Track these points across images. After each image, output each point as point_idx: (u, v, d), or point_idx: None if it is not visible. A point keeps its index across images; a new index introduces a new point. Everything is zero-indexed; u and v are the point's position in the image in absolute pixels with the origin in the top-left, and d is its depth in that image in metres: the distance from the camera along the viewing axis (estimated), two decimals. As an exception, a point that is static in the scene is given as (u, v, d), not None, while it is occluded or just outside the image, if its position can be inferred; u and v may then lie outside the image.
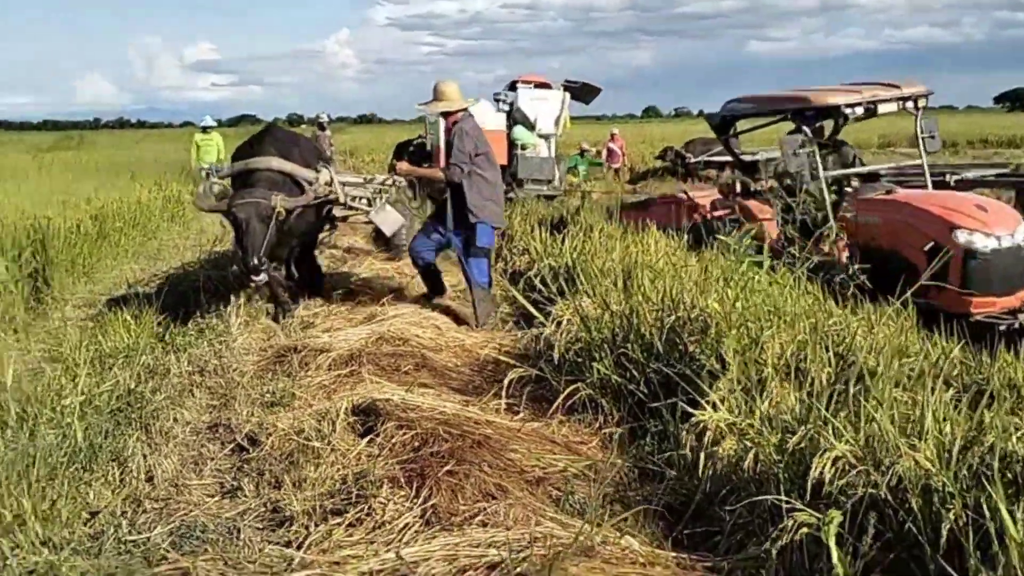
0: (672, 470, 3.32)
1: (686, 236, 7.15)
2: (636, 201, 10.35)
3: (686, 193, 8.98)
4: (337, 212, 7.21)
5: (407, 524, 2.98)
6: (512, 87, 16.70)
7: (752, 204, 7.71)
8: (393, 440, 3.65)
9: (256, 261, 5.42)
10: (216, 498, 3.52)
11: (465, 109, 6.25)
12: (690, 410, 3.33)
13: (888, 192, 6.96)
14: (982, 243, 5.97)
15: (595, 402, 4.11)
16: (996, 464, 2.43)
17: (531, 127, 16.12)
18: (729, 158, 20.90)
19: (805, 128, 6.95)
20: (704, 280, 4.41)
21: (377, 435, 3.72)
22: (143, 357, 5.11)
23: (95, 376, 4.78)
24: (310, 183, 6.09)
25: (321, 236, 7.81)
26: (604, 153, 22.67)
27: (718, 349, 3.71)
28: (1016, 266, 6.09)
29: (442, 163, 6.27)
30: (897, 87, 7.08)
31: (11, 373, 4.51)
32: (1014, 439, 2.64)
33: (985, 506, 2.30)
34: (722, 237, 5.77)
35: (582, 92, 17.57)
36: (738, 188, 8.35)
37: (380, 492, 3.18)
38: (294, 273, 7.08)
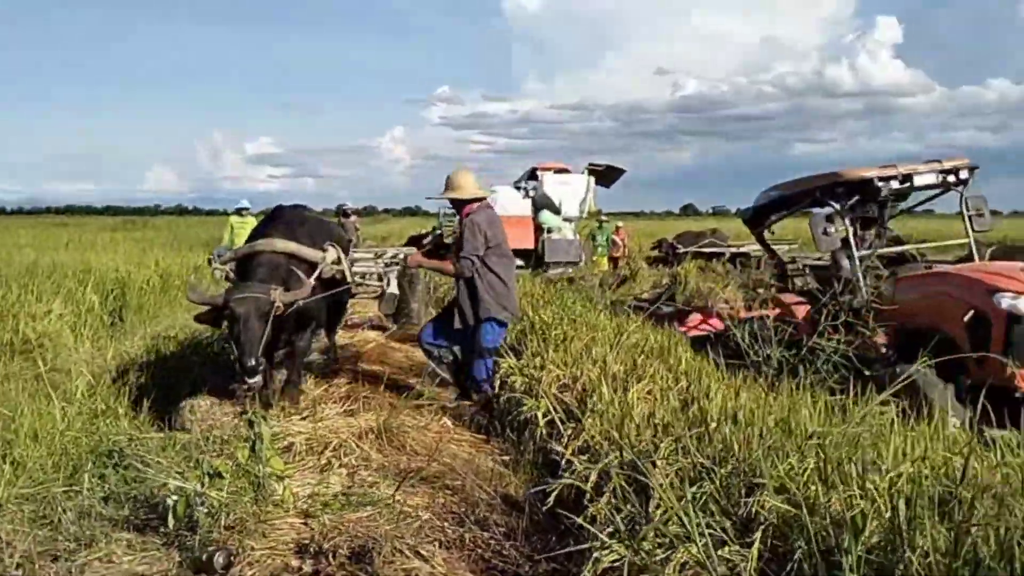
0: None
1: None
2: (670, 312, 9.72)
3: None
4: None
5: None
6: (532, 175, 17.88)
7: (787, 297, 7.31)
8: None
9: (253, 362, 5.05)
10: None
11: (482, 199, 6.01)
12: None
13: (928, 267, 6.49)
14: None
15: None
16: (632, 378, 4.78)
17: (556, 211, 16.92)
18: (715, 250, 23.27)
19: (834, 204, 6.53)
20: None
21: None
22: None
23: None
24: (315, 264, 5.86)
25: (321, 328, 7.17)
26: (609, 244, 24.92)
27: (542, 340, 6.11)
28: None
29: (429, 262, 6.19)
30: (938, 162, 6.56)
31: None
32: (651, 369, 4.96)
33: (611, 391, 4.62)
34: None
35: (606, 174, 18.42)
36: (773, 285, 8.08)
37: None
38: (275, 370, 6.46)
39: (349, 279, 6.40)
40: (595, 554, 2.74)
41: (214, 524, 3.16)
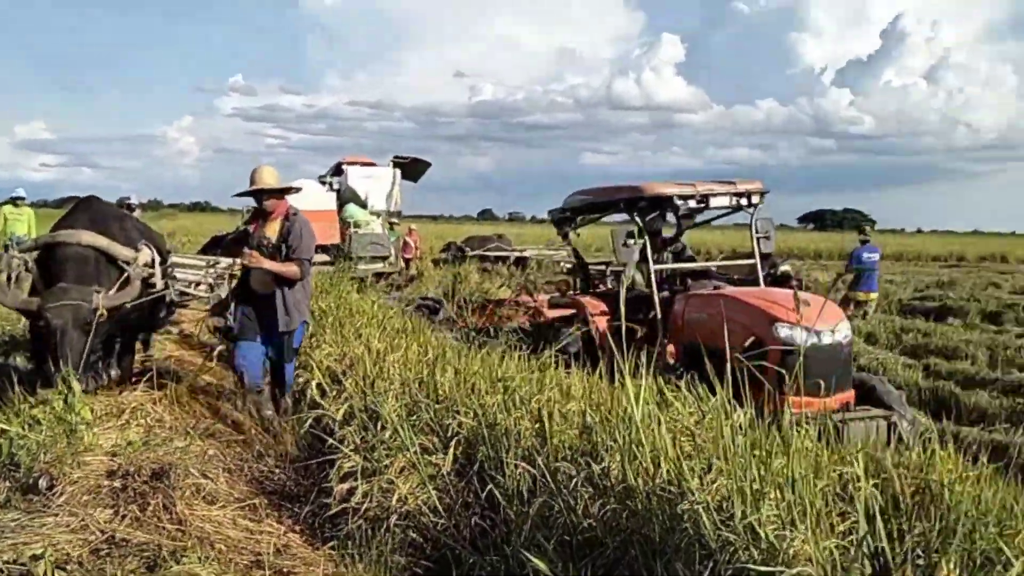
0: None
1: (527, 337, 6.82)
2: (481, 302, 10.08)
3: (529, 295, 8.53)
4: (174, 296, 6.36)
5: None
6: (337, 170, 17.58)
7: (587, 300, 7.49)
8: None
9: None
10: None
11: (298, 190, 6.13)
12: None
13: (716, 288, 6.68)
14: (801, 338, 5.55)
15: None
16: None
17: (363, 205, 16.80)
18: (500, 253, 24.91)
19: (637, 219, 6.75)
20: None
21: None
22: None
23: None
24: (127, 263, 5.38)
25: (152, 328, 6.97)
26: (401, 245, 25.96)
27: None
28: (836, 365, 5.72)
29: (272, 264, 5.59)
30: (732, 183, 6.84)
31: None
32: (405, 344, 6.07)
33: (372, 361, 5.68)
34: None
35: (412, 167, 18.16)
36: (576, 285, 8.26)
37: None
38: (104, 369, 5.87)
39: (161, 285, 5.82)
40: (339, 463, 3.82)
41: (34, 461, 3.92)
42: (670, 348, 6.30)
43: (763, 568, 2.55)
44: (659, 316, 6.57)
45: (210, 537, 3.50)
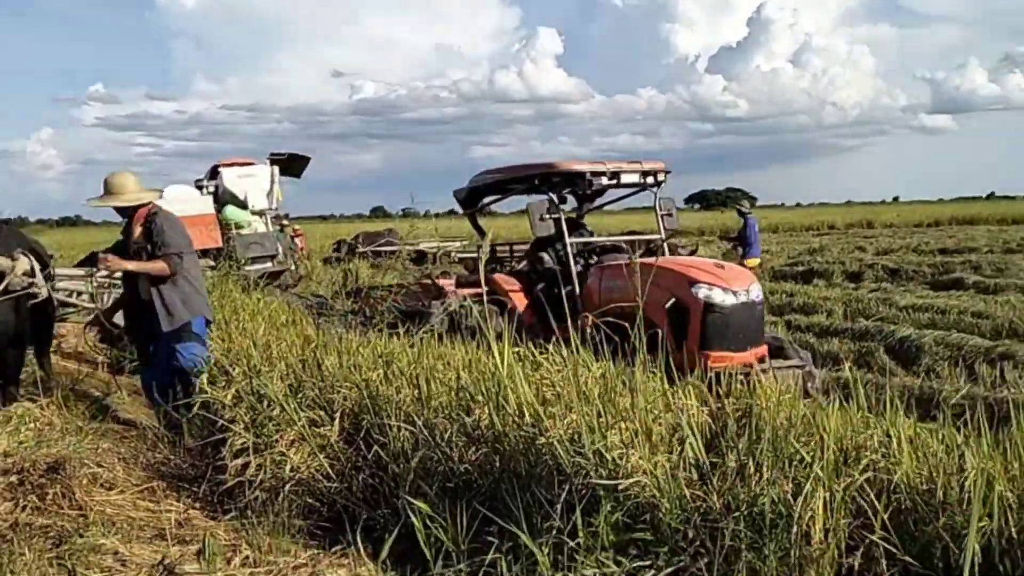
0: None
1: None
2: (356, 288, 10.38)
3: (430, 278, 8.69)
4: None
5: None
6: (213, 173, 16.95)
7: (498, 277, 7.61)
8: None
9: None
10: None
11: (150, 202, 5.56)
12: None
13: (629, 259, 6.74)
14: (721, 298, 5.96)
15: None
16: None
17: (242, 205, 16.17)
18: (391, 248, 24.99)
19: (552, 195, 6.97)
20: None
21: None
22: None
23: None
24: (3, 273, 5.41)
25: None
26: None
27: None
28: (751, 323, 6.12)
29: (133, 264, 5.42)
30: (639, 163, 7.19)
31: None
32: (290, 335, 6.30)
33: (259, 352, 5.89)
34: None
35: (290, 163, 17.72)
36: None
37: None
38: None
39: (44, 294, 5.85)
40: (230, 441, 4.07)
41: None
42: (588, 320, 6.35)
43: (607, 482, 2.98)
44: (576, 290, 6.82)
45: (112, 518, 3.70)
